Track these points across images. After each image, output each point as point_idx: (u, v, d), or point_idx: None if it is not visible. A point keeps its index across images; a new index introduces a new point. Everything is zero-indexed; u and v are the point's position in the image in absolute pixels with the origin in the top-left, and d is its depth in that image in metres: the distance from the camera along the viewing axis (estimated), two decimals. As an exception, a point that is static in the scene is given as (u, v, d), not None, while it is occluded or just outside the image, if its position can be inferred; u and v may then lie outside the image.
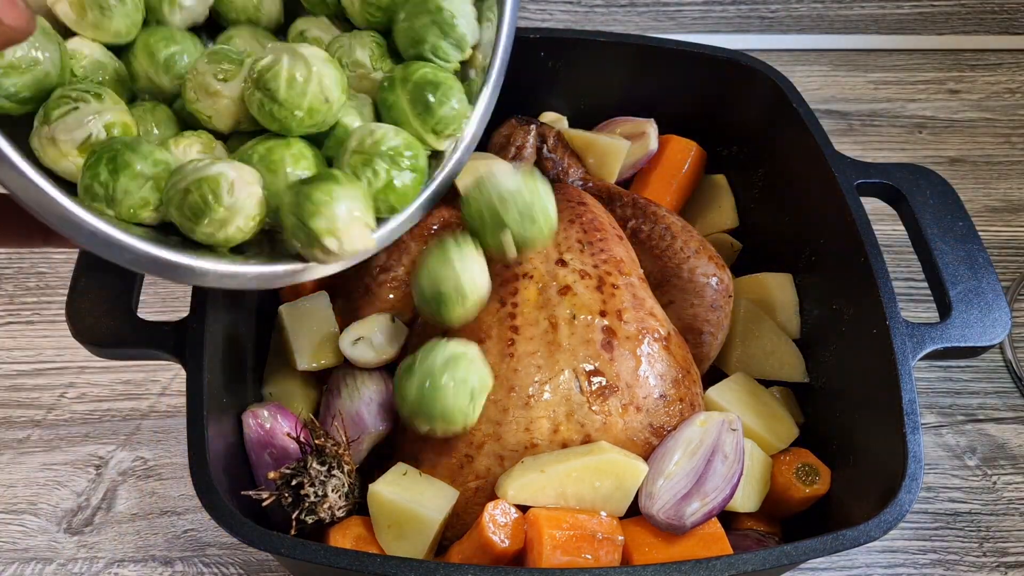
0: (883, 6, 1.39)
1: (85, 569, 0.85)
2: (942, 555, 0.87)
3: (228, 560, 0.86)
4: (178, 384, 0.97)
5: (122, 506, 0.89)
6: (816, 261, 0.88)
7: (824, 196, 0.84)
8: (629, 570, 0.65)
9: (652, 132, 0.98)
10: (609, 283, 0.80)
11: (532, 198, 0.70)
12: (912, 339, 0.74)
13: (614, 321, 0.78)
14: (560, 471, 0.71)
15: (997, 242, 1.11)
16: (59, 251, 1.07)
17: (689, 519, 0.70)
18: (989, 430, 0.96)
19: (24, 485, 0.90)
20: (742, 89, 0.94)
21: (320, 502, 0.71)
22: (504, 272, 0.81)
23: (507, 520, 0.70)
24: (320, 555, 0.62)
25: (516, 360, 0.76)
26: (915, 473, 0.67)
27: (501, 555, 0.70)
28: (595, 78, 0.97)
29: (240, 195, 0.59)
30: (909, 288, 1.06)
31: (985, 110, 1.26)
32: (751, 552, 0.64)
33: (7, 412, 0.95)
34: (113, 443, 0.93)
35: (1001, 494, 0.91)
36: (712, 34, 1.34)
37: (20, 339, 1.01)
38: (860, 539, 0.65)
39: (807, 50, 1.33)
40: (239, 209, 0.60)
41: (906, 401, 0.70)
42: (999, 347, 1.01)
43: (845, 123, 1.24)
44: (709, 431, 0.74)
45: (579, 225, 0.85)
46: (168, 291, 1.05)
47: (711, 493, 0.71)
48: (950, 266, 0.80)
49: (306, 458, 0.72)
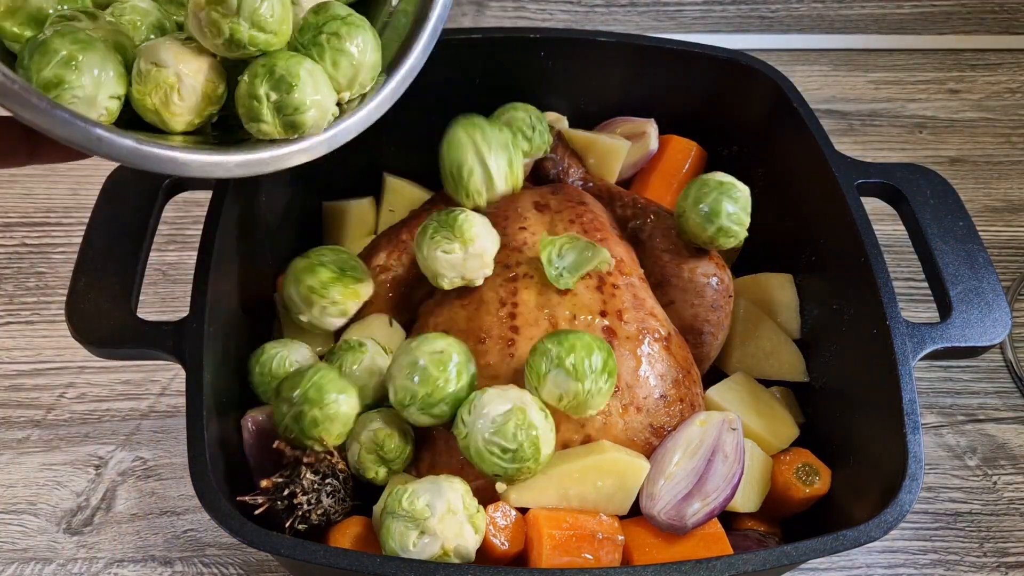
0: (883, 6, 1.39)
1: (85, 569, 0.85)
2: (942, 555, 0.87)
3: (228, 560, 0.86)
4: (178, 384, 0.97)
5: (122, 506, 0.89)
6: (816, 261, 0.88)
7: (824, 196, 0.84)
8: (629, 570, 0.65)
9: (652, 132, 0.98)
10: (609, 283, 0.80)
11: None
12: (912, 339, 0.74)
13: (614, 321, 0.78)
14: (561, 472, 0.71)
15: (997, 242, 1.11)
16: (59, 251, 1.07)
17: (691, 519, 0.70)
18: (989, 430, 0.96)
19: (24, 485, 0.90)
20: (742, 89, 0.94)
21: (314, 509, 0.71)
22: (504, 272, 0.81)
23: (507, 522, 0.70)
24: (320, 555, 0.62)
25: (516, 360, 0.76)
26: (915, 473, 0.67)
27: (501, 557, 0.70)
28: (595, 78, 0.97)
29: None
30: (909, 288, 1.06)
31: (985, 110, 1.26)
32: (751, 552, 0.64)
33: (7, 412, 0.95)
34: (113, 443, 0.93)
35: (1001, 494, 0.91)
36: (712, 34, 1.34)
37: (20, 339, 1.01)
38: (860, 539, 0.65)
39: (807, 50, 1.33)
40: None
41: (906, 401, 0.70)
42: (999, 347, 1.01)
43: (845, 123, 1.24)
44: (709, 431, 0.74)
45: (579, 225, 0.85)
46: (168, 291, 1.05)
47: (712, 493, 0.71)
48: (950, 266, 0.80)
49: (299, 467, 0.72)
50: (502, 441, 0.68)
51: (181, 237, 1.09)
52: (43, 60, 0.54)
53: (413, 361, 0.72)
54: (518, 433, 0.68)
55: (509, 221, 0.85)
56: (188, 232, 1.10)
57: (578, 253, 0.80)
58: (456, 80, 0.95)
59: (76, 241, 0.80)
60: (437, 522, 0.66)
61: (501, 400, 0.70)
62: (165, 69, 0.59)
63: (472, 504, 0.68)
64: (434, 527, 0.66)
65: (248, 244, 0.85)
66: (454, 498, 0.67)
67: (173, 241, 1.09)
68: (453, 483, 0.68)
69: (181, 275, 1.06)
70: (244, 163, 0.59)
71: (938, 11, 1.38)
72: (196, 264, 0.75)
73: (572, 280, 0.79)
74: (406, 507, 0.67)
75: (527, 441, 0.68)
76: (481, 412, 0.69)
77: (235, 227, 0.80)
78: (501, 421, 0.68)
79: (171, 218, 1.09)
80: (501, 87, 0.97)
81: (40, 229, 1.10)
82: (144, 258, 0.79)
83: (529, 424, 0.68)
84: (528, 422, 0.68)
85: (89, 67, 0.56)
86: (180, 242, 1.09)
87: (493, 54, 0.94)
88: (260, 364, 0.79)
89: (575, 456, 0.72)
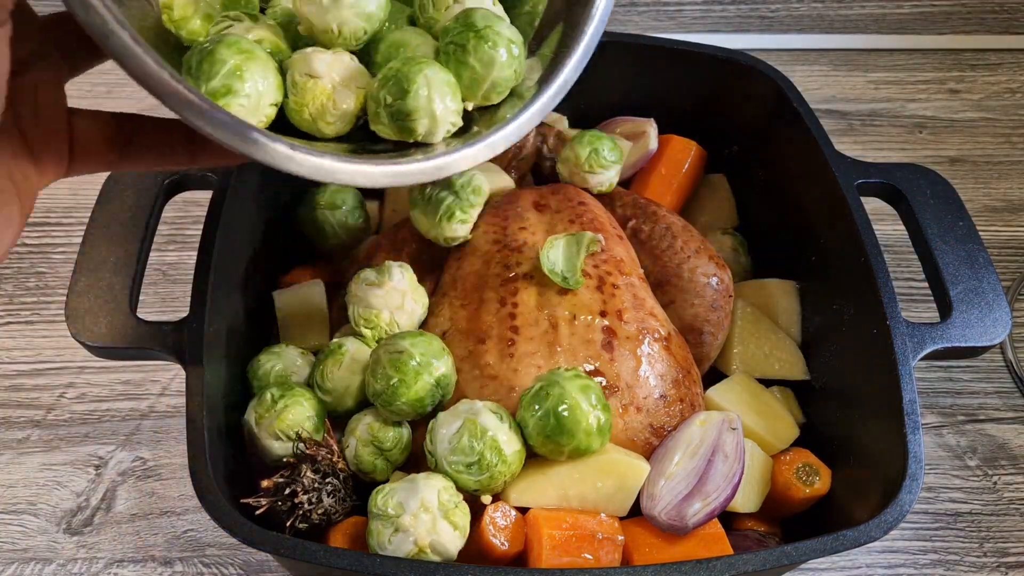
0: (883, 6, 1.39)
1: (84, 569, 0.85)
2: (942, 555, 0.87)
3: (228, 560, 0.86)
4: (178, 384, 0.97)
5: (121, 506, 0.89)
6: (816, 261, 0.88)
7: (824, 196, 0.84)
8: (629, 570, 0.65)
9: (652, 132, 0.98)
10: (609, 283, 0.80)
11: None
12: (912, 339, 0.74)
13: (614, 321, 0.78)
14: (562, 472, 0.71)
15: (997, 242, 1.11)
16: (59, 251, 1.07)
17: (691, 519, 0.70)
18: (990, 430, 0.96)
19: (24, 485, 0.90)
20: (742, 89, 0.94)
21: (315, 508, 0.71)
22: (504, 272, 0.81)
23: (507, 523, 0.70)
24: (320, 555, 0.62)
25: (516, 360, 0.76)
26: (916, 473, 0.67)
27: (501, 558, 0.70)
28: (595, 78, 0.97)
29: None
30: (909, 288, 1.06)
31: (985, 110, 1.26)
32: (751, 552, 0.64)
33: (7, 412, 0.95)
34: (113, 443, 0.93)
35: (1002, 494, 0.91)
36: (712, 34, 1.34)
37: (20, 339, 1.01)
38: (860, 539, 0.65)
39: (807, 50, 1.33)
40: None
41: (906, 401, 0.70)
42: (999, 347, 1.01)
43: (845, 123, 1.24)
44: (709, 431, 0.74)
45: (579, 225, 0.85)
46: (168, 291, 1.05)
47: (712, 493, 0.71)
48: (950, 266, 0.79)
49: (299, 467, 0.72)
50: (462, 457, 0.69)
51: (181, 237, 1.09)
52: (212, 69, 0.56)
53: (376, 359, 0.74)
54: (474, 444, 0.68)
55: (509, 221, 0.85)
56: (188, 232, 1.10)
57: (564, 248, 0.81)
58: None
59: (76, 241, 0.80)
60: (409, 519, 0.67)
61: (452, 419, 0.70)
62: (320, 80, 0.60)
63: (451, 500, 0.68)
64: (407, 524, 0.67)
65: (248, 244, 0.85)
66: (428, 495, 0.67)
67: (173, 241, 1.09)
68: (431, 480, 0.69)
69: (181, 275, 1.06)
70: (391, 174, 0.58)
71: (938, 11, 1.38)
72: (196, 264, 0.75)
73: (575, 278, 0.79)
74: (381, 506, 0.68)
75: (486, 448, 0.68)
76: (438, 436, 0.70)
77: (235, 227, 0.80)
78: (456, 439, 0.69)
79: (171, 218, 1.09)
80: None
81: (40, 229, 1.10)
82: (144, 258, 0.79)
83: (481, 430, 0.69)
84: (480, 429, 0.69)
85: (253, 76, 0.57)
86: (180, 242, 1.09)
87: (493, 54, 0.94)
88: (258, 379, 0.80)
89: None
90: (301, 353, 0.82)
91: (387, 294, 0.80)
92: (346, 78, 0.61)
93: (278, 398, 0.75)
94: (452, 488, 0.69)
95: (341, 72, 0.61)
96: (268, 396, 0.75)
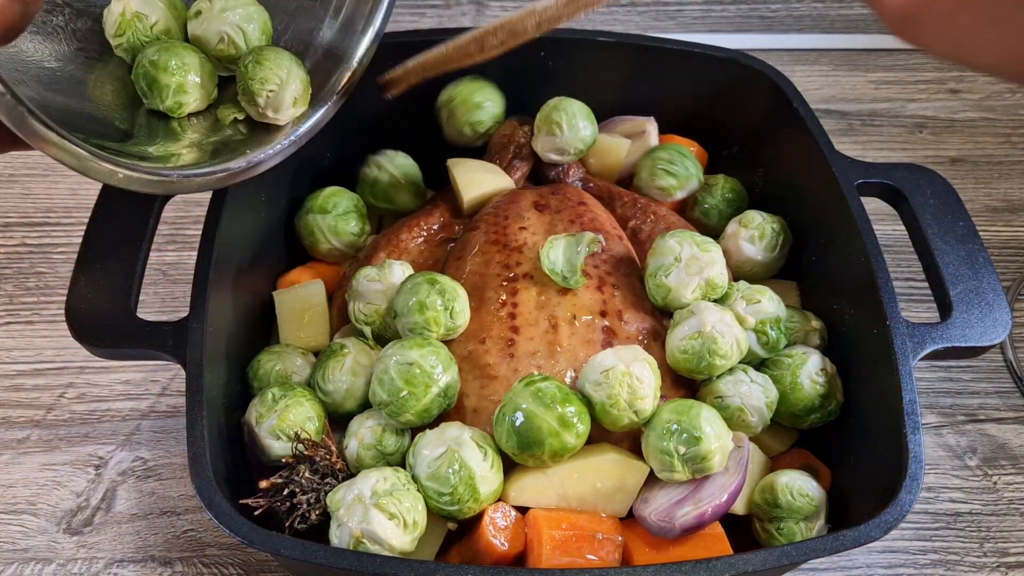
0: (883, 6, 1.38)
1: (84, 569, 0.85)
2: (943, 555, 0.87)
3: (228, 560, 0.86)
4: (178, 384, 0.97)
5: (121, 506, 0.89)
6: (816, 261, 0.88)
7: (825, 196, 0.84)
8: (629, 570, 0.65)
9: (652, 131, 0.98)
10: (609, 283, 0.80)
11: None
12: (912, 339, 0.74)
13: (614, 321, 0.78)
14: (561, 472, 0.71)
15: (997, 242, 1.11)
16: (59, 251, 1.07)
17: (680, 520, 0.70)
18: (990, 430, 0.95)
19: (23, 485, 0.90)
20: (742, 89, 0.94)
21: (313, 508, 0.71)
22: (504, 272, 0.81)
23: (507, 523, 0.70)
24: (320, 555, 0.62)
25: (516, 360, 0.76)
26: (916, 473, 0.67)
27: (501, 558, 0.70)
28: (595, 78, 0.97)
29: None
30: (909, 288, 1.06)
31: (985, 110, 1.26)
32: (751, 552, 0.64)
33: (7, 412, 0.95)
34: (112, 443, 0.93)
35: (1002, 494, 0.91)
36: (712, 34, 1.34)
37: (19, 339, 1.01)
38: (860, 539, 0.65)
39: (807, 50, 1.32)
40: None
41: (906, 401, 0.70)
42: (1000, 347, 1.01)
43: (845, 123, 1.24)
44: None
45: (579, 225, 0.85)
46: (168, 291, 1.05)
47: (705, 499, 0.70)
48: (950, 266, 0.79)
49: (297, 467, 0.72)
50: (437, 485, 0.68)
51: (181, 237, 1.09)
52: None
53: (384, 369, 0.73)
54: (451, 476, 0.68)
55: (509, 221, 0.85)
56: (188, 232, 1.09)
57: (565, 248, 0.80)
58: (456, 79, 0.95)
59: (76, 241, 0.80)
60: (344, 511, 0.67)
61: (437, 443, 0.70)
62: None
63: (389, 490, 0.67)
64: (341, 516, 0.67)
65: (248, 244, 0.85)
66: (365, 487, 0.68)
67: (173, 241, 1.09)
68: (383, 472, 0.69)
69: (181, 275, 1.06)
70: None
71: (938, 11, 1.37)
72: (196, 264, 0.75)
73: (575, 278, 0.79)
74: (331, 503, 0.69)
75: (461, 484, 0.68)
76: (420, 456, 0.70)
77: (235, 227, 0.80)
78: (436, 464, 0.69)
79: (171, 218, 1.09)
80: (501, 86, 0.97)
81: (40, 229, 1.09)
82: (144, 258, 0.79)
83: (462, 465, 0.68)
84: (461, 462, 0.68)
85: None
86: (180, 242, 1.09)
87: (493, 54, 0.94)
88: (258, 379, 0.80)
89: (575, 456, 0.72)
90: (301, 353, 0.82)
91: (388, 290, 0.80)
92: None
93: (279, 397, 0.75)
94: (396, 479, 0.69)
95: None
96: (269, 395, 0.75)
